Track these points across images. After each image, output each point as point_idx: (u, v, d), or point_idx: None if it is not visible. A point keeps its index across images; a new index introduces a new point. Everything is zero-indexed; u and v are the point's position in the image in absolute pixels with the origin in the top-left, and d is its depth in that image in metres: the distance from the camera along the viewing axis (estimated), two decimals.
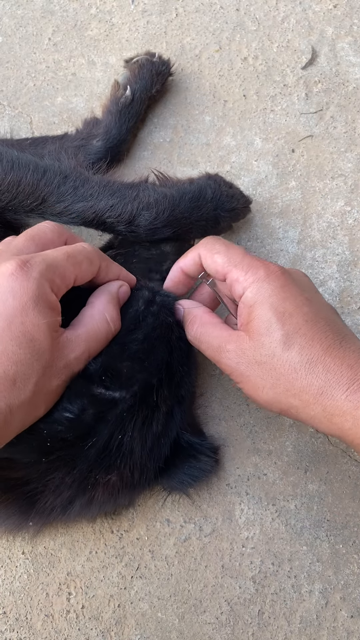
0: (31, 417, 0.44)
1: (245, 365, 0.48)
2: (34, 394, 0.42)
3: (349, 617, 0.59)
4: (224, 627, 0.59)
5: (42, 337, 0.42)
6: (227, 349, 0.49)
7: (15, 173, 0.53)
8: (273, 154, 0.71)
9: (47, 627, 0.59)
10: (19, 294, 0.41)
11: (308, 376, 0.44)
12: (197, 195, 0.59)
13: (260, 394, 0.48)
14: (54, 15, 0.76)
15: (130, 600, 0.59)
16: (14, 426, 0.42)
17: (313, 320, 0.46)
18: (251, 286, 0.48)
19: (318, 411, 0.45)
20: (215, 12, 0.75)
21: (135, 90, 0.68)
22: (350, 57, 0.74)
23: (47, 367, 0.42)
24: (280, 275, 0.48)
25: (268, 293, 0.47)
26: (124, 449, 0.49)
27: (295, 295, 0.47)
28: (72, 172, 0.55)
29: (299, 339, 0.45)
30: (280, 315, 0.46)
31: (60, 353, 0.44)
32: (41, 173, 0.54)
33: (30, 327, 0.41)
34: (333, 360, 0.44)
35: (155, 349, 0.51)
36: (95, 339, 0.48)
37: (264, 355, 0.46)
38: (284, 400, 0.46)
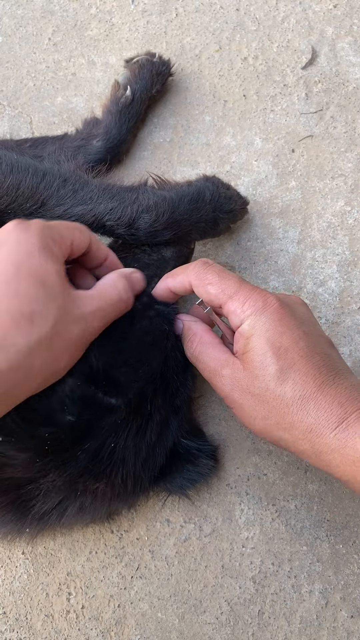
0: (53, 366, 0.42)
1: (238, 393, 0.48)
2: (53, 335, 0.41)
3: (349, 617, 0.59)
4: (224, 627, 0.59)
5: (53, 279, 0.42)
6: (223, 374, 0.49)
7: (15, 176, 0.53)
8: (273, 154, 0.71)
9: (47, 627, 0.59)
10: (23, 242, 0.42)
11: (299, 412, 0.45)
12: (195, 197, 0.59)
13: (252, 422, 0.48)
14: (54, 15, 0.76)
15: (130, 600, 0.59)
16: (35, 371, 0.40)
17: (308, 356, 0.46)
18: (248, 319, 0.48)
19: (307, 447, 0.45)
20: (215, 12, 0.75)
21: (136, 90, 0.68)
22: (350, 57, 0.74)
23: (62, 310, 0.42)
24: (278, 308, 0.48)
25: (265, 327, 0.47)
26: (115, 457, 0.49)
27: (292, 329, 0.47)
28: (72, 175, 0.55)
29: (293, 374, 0.46)
30: (276, 350, 0.46)
31: (73, 303, 0.44)
32: (40, 176, 0.54)
33: (39, 270, 0.41)
34: (324, 397, 0.45)
35: (149, 356, 0.51)
36: (107, 301, 0.47)
37: (258, 387, 0.47)
38: (275, 432, 0.47)
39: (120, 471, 0.50)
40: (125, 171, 0.70)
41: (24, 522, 0.50)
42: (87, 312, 0.45)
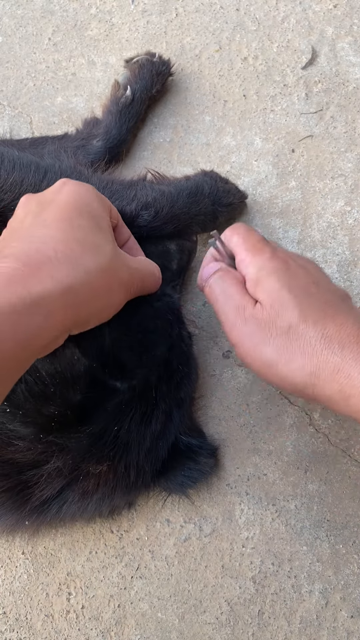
0: (110, 298, 0.45)
1: (259, 337, 0.46)
2: (111, 268, 0.43)
3: (349, 617, 0.59)
4: (224, 627, 0.59)
5: (107, 226, 0.46)
6: (247, 313, 0.47)
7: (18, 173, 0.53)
8: (273, 154, 0.71)
9: (47, 627, 0.59)
10: (82, 192, 0.46)
11: (324, 351, 0.42)
12: (194, 191, 0.60)
13: (273, 371, 0.45)
14: (54, 15, 0.76)
15: (130, 600, 0.59)
16: (101, 293, 0.43)
17: (321, 301, 0.45)
18: (255, 264, 0.47)
19: (334, 391, 0.43)
20: (215, 12, 0.75)
21: (136, 90, 0.68)
22: (350, 57, 0.74)
23: (116, 252, 0.45)
24: (287, 259, 0.47)
25: (273, 268, 0.46)
26: (119, 441, 0.49)
27: (301, 277, 0.46)
28: (72, 171, 0.55)
29: (312, 313, 0.44)
30: (289, 287, 0.45)
31: (121, 252, 0.46)
32: (42, 173, 0.54)
33: (97, 215, 0.45)
34: (348, 337, 0.42)
35: (152, 344, 0.51)
36: (145, 270, 0.50)
37: (280, 327, 0.44)
38: (299, 377, 0.44)
39: (124, 457, 0.50)
40: (126, 171, 0.70)
41: (23, 510, 0.49)
42: (132, 266, 0.48)
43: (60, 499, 0.50)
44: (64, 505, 0.50)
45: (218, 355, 0.65)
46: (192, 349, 0.57)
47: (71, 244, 0.41)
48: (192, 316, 0.66)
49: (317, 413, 0.63)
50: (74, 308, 0.40)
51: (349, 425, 0.63)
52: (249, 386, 0.64)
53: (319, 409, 0.64)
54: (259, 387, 0.64)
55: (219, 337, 0.66)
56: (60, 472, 0.48)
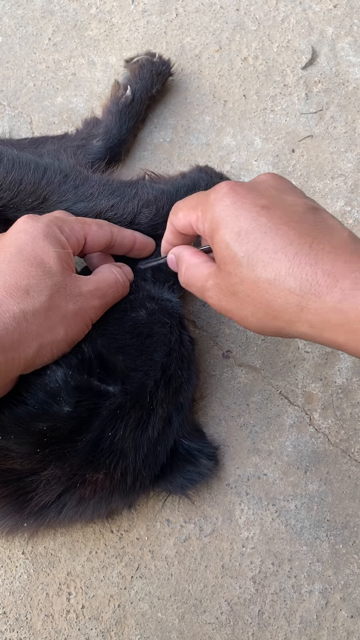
0: (50, 336, 0.44)
1: (224, 299, 0.45)
2: (48, 306, 0.44)
3: (349, 617, 0.59)
4: (224, 627, 0.59)
5: (52, 261, 0.45)
6: (207, 287, 0.46)
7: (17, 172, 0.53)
8: (273, 154, 0.71)
9: (47, 627, 0.59)
10: (29, 231, 0.46)
11: (281, 294, 0.39)
12: (191, 188, 0.60)
13: (247, 323, 0.44)
14: (54, 15, 0.76)
15: (130, 600, 0.59)
16: (30, 338, 0.42)
17: (273, 230, 0.40)
18: (205, 217, 0.45)
19: (306, 328, 0.40)
20: (215, 12, 0.75)
21: (136, 90, 0.68)
22: (350, 57, 0.74)
23: (59, 286, 0.45)
24: (229, 192, 0.43)
25: (220, 217, 0.43)
26: (115, 448, 0.49)
27: (249, 208, 0.42)
28: (72, 170, 0.55)
29: (260, 255, 0.40)
30: (236, 236, 0.42)
31: (72, 282, 0.47)
32: (42, 172, 0.54)
33: (40, 252, 0.45)
34: (303, 269, 0.38)
35: (148, 348, 0.51)
36: (105, 282, 0.50)
37: (234, 284, 0.43)
38: (270, 324, 0.42)
39: (120, 464, 0.50)
40: (126, 171, 0.70)
41: (22, 514, 0.49)
42: (85, 291, 0.48)
43: (59, 504, 0.50)
44: (63, 509, 0.50)
45: (218, 355, 0.65)
46: (193, 354, 0.57)
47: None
48: (192, 316, 0.66)
49: (317, 413, 0.63)
50: (3, 354, 0.40)
51: (349, 425, 0.63)
52: (249, 386, 0.64)
53: (318, 409, 0.64)
54: (259, 387, 0.64)
55: (219, 337, 0.66)
56: (59, 479, 0.48)
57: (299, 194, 0.45)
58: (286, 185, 0.46)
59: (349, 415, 0.63)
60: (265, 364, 0.65)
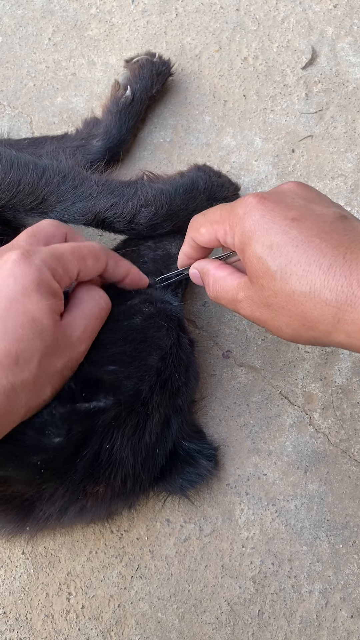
0: (38, 400, 0.43)
1: (258, 311, 0.45)
2: (37, 373, 0.42)
3: (349, 617, 0.59)
4: (224, 627, 0.59)
5: (44, 317, 0.42)
6: (239, 299, 0.47)
7: (15, 172, 0.53)
8: (273, 154, 0.71)
9: (47, 627, 0.59)
10: (20, 278, 0.42)
11: (317, 306, 0.40)
12: (190, 187, 0.60)
13: (281, 333, 0.45)
14: (54, 15, 0.76)
15: (130, 600, 0.59)
16: (19, 408, 0.41)
17: (305, 243, 0.41)
18: (235, 231, 0.45)
19: (343, 338, 0.40)
20: (215, 12, 0.75)
21: (136, 90, 0.68)
22: (350, 57, 0.74)
23: (50, 347, 0.42)
24: (257, 205, 0.44)
25: (251, 232, 0.43)
26: (113, 459, 0.48)
27: (279, 222, 0.42)
28: (71, 171, 0.55)
29: (294, 268, 0.41)
30: (268, 250, 0.42)
31: (62, 334, 0.44)
32: (40, 172, 0.54)
33: (31, 308, 0.42)
34: (338, 281, 0.39)
35: (141, 353, 0.50)
36: (91, 316, 0.48)
37: (268, 296, 0.43)
38: (304, 334, 0.43)
39: (120, 472, 0.49)
40: (126, 171, 0.70)
41: (25, 522, 0.49)
42: (74, 339, 0.45)
43: (60, 512, 0.50)
44: (63, 517, 0.50)
45: (218, 355, 0.65)
46: (193, 356, 0.56)
47: None
48: (192, 316, 0.66)
49: (317, 413, 0.63)
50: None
51: (349, 425, 0.63)
52: (249, 386, 0.64)
53: (318, 409, 0.64)
54: (259, 387, 0.64)
55: (219, 337, 0.66)
56: (61, 495, 0.48)
57: (326, 202, 0.45)
58: (313, 193, 0.46)
59: (349, 415, 0.63)
60: (265, 364, 0.65)
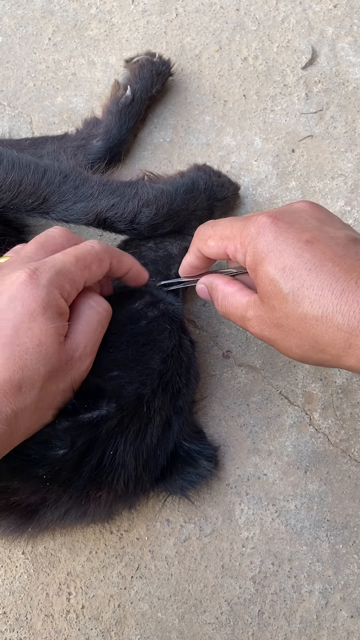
0: (38, 423, 0.43)
1: (267, 330, 0.45)
2: (39, 399, 0.41)
3: (349, 617, 0.59)
4: (224, 627, 0.59)
5: (49, 341, 0.42)
6: (248, 317, 0.47)
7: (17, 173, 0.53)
8: (273, 154, 0.71)
9: (47, 627, 0.59)
10: (27, 302, 0.42)
11: (328, 330, 0.40)
12: (190, 187, 0.60)
13: (290, 354, 0.45)
14: (54, 15, 0.76)
15: (130, 600, 0.59)
16: (20, 432, 0.41)
17: (318, 267, 0.41)
18: (247, 250, 0.45)
19: (353, 362, 0.41)
20: (215, 12, 0.75)
21: (136, 90, 0.68)
22: (350, 57, 0.74)
23: (53, 371, 0.42)
24: (271, 226, 0.44)
25: (264, 252, 0.43)
26: (116, 463, 0.48)
27: (292, 244, 0.42)
28: (72, 171, 0.55)
29: (307, 292, 0.41)
30: (281, 272, 0.42)
31: (66, 354, 0.44)
32: (42, 173, 0.54)
33: (38, 333, 0.41)
34: (350, 306, 0.39)
35: (144, 356, 0.50)
36: (92, 329, 0.47)
37: (279, 318, 0.43)
38: (315, 356, 0.43)
39: (122, 476, 0.49)
40: (126, 171, 0.70)
41: (27, 525, 0.49)
42: (77, 358, 0.45)
43: (62, 516, 0.50)
44: (65, 519, 0.50)
45: (218, 355, 0.65)
46: (193, 357, 0.56)
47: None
48: (192, 316, 0.66)
49: (317, 413, 0.63)
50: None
51: (349, 425, 0.63)
52: (249, 386, 0.64)
53: (318, 409, 0.64)
54: (259, 387, 0.64)
55: (219, 337, 0.66)
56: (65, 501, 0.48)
57: (338, 224, 0.46)
58: (324, 214, 0.46)
59: (349, 415, 0.63)
60: (265, 364, 0.65)
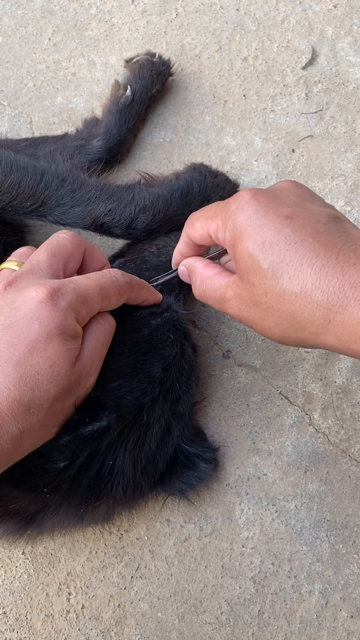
0: (42, 440, 0.43)
1: (246, 310, 0.44)
2: (46, 417, 0.41)
3: (349, 617, 0.59)
4: (224, 627, 0.59)
5: (62, 363, 0.41)
6: (227, 298, 0.46)
7: (15, 175, 0.53)
8: (273, 154, 0.71)
9: (47, 627, 0.59)
10: (45, 322, 0.41)
11: (307, 307, 0.39)
12: (185, 191, 0.60)
13: (269, 334, 0.44)
14: (54, 15, 0.76)
15: (130, 600, 0.59)
16: (23, 449, 0.41)
17: (297, 242, 0.40)
18: (226, 226, 0.44)
19: (332, 340, 0.40)
20: (215, 12, 0.75)
21: (136, 90, 0.68)
22: (350, 57, 0.74)
23: (62, 392, 0.42)
24: (251, 201, 0.43)
25: (243, 227, 0.42)
26: (115, 472, 0.48)
27: (272, 218, 0.41)
28: (69, 174, 0.56)
29: (286, 267, 0.40)
30: (260, 247, 0.41)
31: (75, 376, 0.43)
32: (39, 175, 0.54)
33: (52, 354, 0.41)
34: (330, 282, 0.38)
35: (146, 365, 0.50)
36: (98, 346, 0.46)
37: (258, 295, 0.42)
38: (293, 335, 0.42)
39: (121, 483, 0.49)
40: (126, 171, 0.70)
41: (26, 528, 0.49)
42: (84, 376, 0.44)
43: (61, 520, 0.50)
44: (64, 523, 0.51)
45: (218, 355, 0.65)
46: (195, 364, 0.56)
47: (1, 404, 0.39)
48: (192, 316, 0.66)
49: (317, 413, 0.63)
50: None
51: (349, 425, 0.63)
52: (249, 386, 0.64)
53: (318, 409, 0.64)
54: (259, 387, 0.64)
55: (219, 337, 0.66)
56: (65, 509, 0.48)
57: (320, 202, 0.45)
58: (307, 192, 0.46)
59: (349, 415, 0.63)
60: (265, 364, 0.65)
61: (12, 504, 0.45)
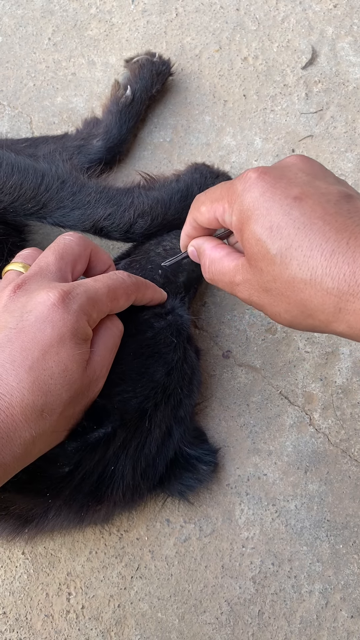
0: (52, 445, 0.43)
1: (256, 295, 0.43)
2: (57, 423, 0.41)
3: (349, 617, 0.59)
4: (224, 627, 0.59)
5: (75, 367, 0.41)
6: (237, 282, 0.44)
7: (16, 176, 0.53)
8: (273, 154, 0.71)
9: (47, 627, 0.59)
10: (58, 326, 0.41)
11: (317, 294, 0.38)
12: (185, 194, 0.60)
13: (279, 319, 0.43)
14: (54, 15, 0.76)
15: (130, 600, 0.59)
16: (34, 454, 0.41)
17: (307, 225, 0.38)
18: (233, 209, 0.42)
19: (344, 328, 0.38)
20: (215, 12, 0.75)
21: (136, 90, 0.68)
22: (350, 57, 0.74)
23: (74, 397, 0.42)
24: (257, 181, 0.41)
25: (250, 210, 0.40)
26: (116, 476, 0.48)
27: (280, 200, 0.39)
28: (69, 176, 0.56)
29: (295, 252, 0.38)
30: (268, 231, 0.39)
31: (87, 378, 0.43)
32: (40, 177, 0.54)
33: (65, 358, 0.41)
34: (340, 269, 0.36)
35: (149, 369, 0.50)
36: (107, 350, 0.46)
37: (267, 281, 0.41)
38: (304, 322, 0.41)
39: (121, 487, 0.50)
40: (126, 171, 0.70)
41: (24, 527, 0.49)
42: (94, 379, 0.44)
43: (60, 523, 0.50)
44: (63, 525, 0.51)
45: (218, 355, 0.65)
46: (197, 368, 0.56)
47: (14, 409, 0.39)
48: (192, 316, 0.66)
49: (317, 413, 0.63)
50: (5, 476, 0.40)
51: (349, 425, 0.63)
52: (249, 386, 0.64)
53: (318, 409, 0.64)
54: (259, 387, 0.64)
55: (219, 337, 0.66)
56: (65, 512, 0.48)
57: (331, 179, 0.42)
58: (317, 168, 0.43)
59: (349, 415, 0.63)
60: (265, 364, 0.65)
61: (13, 507, 0.45)
